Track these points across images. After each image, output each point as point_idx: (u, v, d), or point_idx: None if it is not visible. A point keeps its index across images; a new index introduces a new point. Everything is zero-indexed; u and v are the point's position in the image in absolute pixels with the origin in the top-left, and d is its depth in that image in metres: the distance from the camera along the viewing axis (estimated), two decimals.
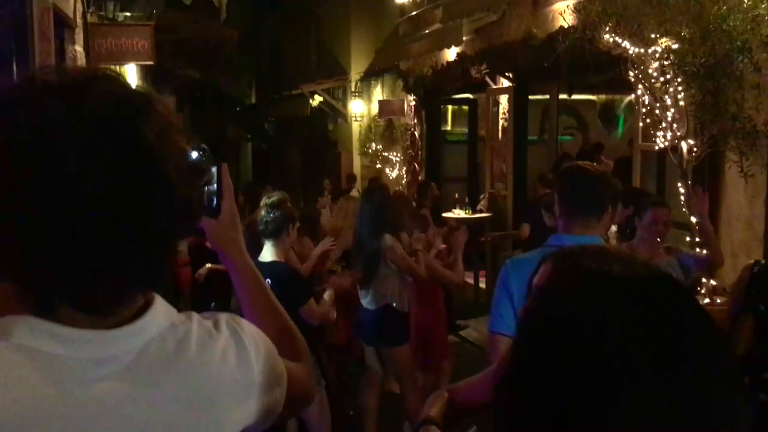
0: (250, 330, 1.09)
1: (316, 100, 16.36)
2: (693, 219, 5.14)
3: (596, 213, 2.54)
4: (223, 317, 1.07)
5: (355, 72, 15.26)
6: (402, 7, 12.60)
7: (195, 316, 1.03)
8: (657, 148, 5.50)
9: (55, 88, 0.87)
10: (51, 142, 0.84)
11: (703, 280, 4.93)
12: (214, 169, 1.27)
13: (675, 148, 5.26)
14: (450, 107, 12.77)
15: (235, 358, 1.03)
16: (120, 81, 0.95)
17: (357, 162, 15.37)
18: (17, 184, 0.84)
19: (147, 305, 0.97)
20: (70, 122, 0.84)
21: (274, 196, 4.08)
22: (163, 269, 0.96)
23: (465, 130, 12.15)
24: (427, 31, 10.72)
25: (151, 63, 6.36)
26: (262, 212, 3.95)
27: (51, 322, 0.88)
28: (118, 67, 7.47)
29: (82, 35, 5.59)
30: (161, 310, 0.98)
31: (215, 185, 1.28)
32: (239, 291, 1.35)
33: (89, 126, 0.85)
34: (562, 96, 10.10)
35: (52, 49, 3.35)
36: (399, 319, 4.76)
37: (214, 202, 1.28)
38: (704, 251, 4.62)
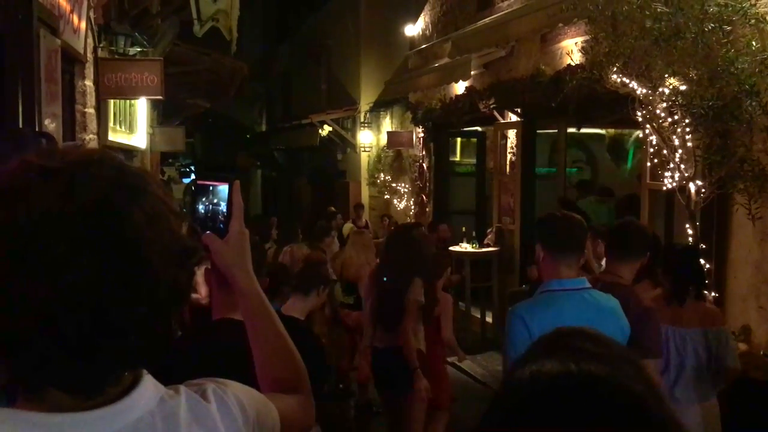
0: (235, 395, 1.08)
1: (326, 129, 16.45)
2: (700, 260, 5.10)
3: (577, 254, 2.94)
4: (210, 386, 1.06)
5: (365, 103, 15.35)
6: (412, 39, 12.70)
7: (183, 389, 1.03)
8: (665, 188, 5.47)
9: (50, 173, 0.88)
10: (42, 231, 0.85)
11: None
12: (223, 187, 1.23)
13: (683, 188, 5.22)
14: (459, 139, 12.80)
15: (223, 428, 1.03)
16: (115, 163, 0.95)
17: (365, 192, 15.40)
18: (5, 271, 0.84)
19: (135, 382, 0.96)
20: (61, 211, 0.85)
21: (314, 256, 4.21)
22: (153, 349, 0.95)
23: (474, 161, 12.15)
24: (436, 65, 10.78)
25: (160, 98, 6.42)
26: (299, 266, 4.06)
27: (33, 411, 0.88)
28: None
29: (92, 70, 5.64)
30: (149, 386, 0.97)
31: (224, 203, 1.23)
32: (245, 316, 1.33)
33: (80, 214, 0.86)
34: (571, 129, 10.09)
35: (59, 91, 3.38)
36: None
37: (221, 221, 1.23)
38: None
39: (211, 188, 1.25)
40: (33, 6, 2.91)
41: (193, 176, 30.09)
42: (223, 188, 1.23)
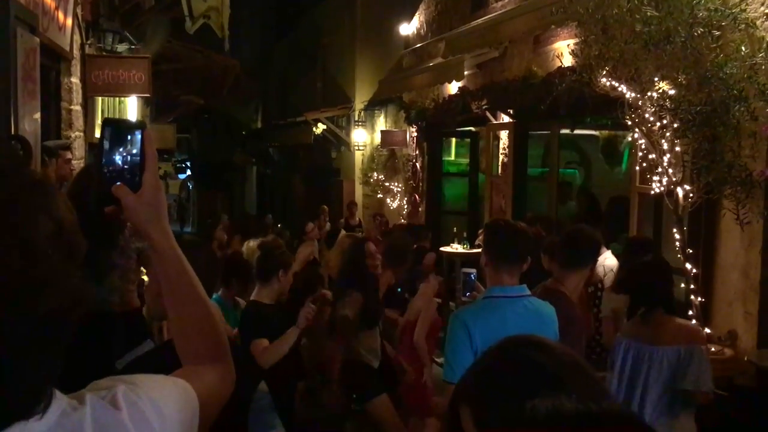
0: (149, 396, 1.00)
1: (320, 128, 16.40)
2: (688, 265, 5.08)
3: (519, 263, 3.00)
4: (120, 390, 0.97)
5: (359, 101, 15.31)
6: (406, 39, 12.67)
7: (88, 397, 0.94)
8: (653, 192, 5.44)
9: None
10: None
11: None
12: (138, 135, 1.14)
13: (671, 193, 5.20)
14: (454, 139, 12.78)
15: None
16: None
17: (359, 191, 15.38)
18: None
19: None
20: None
21: (270, 240, 4.21)
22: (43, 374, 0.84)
23: (468, 161, 12.14)
24: (430, 64, 10.75)
25: (147, 96, 6.38)
26: (257, 254, 4.02)
27: None
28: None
29: (79, 67, 5.60)
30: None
31: (138, 154, 1.14)
32: (160, 277, 1.25)
33: None
34: (564, 131, 10.05)
35: (37, 89, 3.34)
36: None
37: (137, 174, 1.14)
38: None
39: (129, 137, 1.14)
40: (9, 5, 2.88)
41: (189, 172, 30.05)
42: (138, 135, 1.13)
